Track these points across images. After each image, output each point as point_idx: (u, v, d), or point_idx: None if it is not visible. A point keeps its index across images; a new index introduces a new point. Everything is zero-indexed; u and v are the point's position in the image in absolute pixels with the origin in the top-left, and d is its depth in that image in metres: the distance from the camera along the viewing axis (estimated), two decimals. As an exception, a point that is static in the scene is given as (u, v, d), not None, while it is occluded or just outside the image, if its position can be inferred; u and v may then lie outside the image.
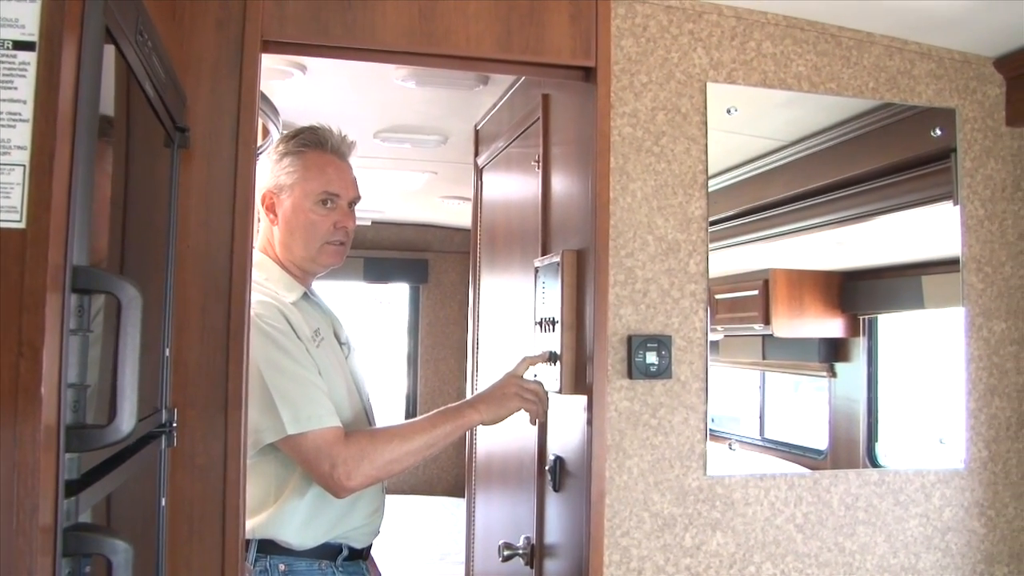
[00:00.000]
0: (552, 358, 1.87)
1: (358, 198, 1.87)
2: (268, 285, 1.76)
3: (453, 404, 1.79)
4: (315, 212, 1.78)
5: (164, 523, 1.32)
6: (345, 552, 1.75)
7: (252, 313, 1.63)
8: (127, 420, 0.82)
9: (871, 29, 2.00)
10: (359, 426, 1.78)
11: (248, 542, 1.66)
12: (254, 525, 1.67)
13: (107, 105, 0.88)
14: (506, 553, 2.11)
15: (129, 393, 0.83)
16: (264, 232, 1.85)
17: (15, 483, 0.72)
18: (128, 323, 0.83)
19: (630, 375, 1.82)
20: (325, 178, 1.79)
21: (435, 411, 1.75)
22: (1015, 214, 2.10)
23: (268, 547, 1.68)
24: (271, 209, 1.81)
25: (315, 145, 1.81)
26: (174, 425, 1.33)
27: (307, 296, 1.84)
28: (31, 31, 0.76)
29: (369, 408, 1.90)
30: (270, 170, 1.81)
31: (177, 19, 1.51)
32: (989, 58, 2.10)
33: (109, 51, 0.87)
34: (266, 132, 2.39)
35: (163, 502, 1.31)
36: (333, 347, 1.84)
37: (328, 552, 1.73)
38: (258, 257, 1.81)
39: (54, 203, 0.75)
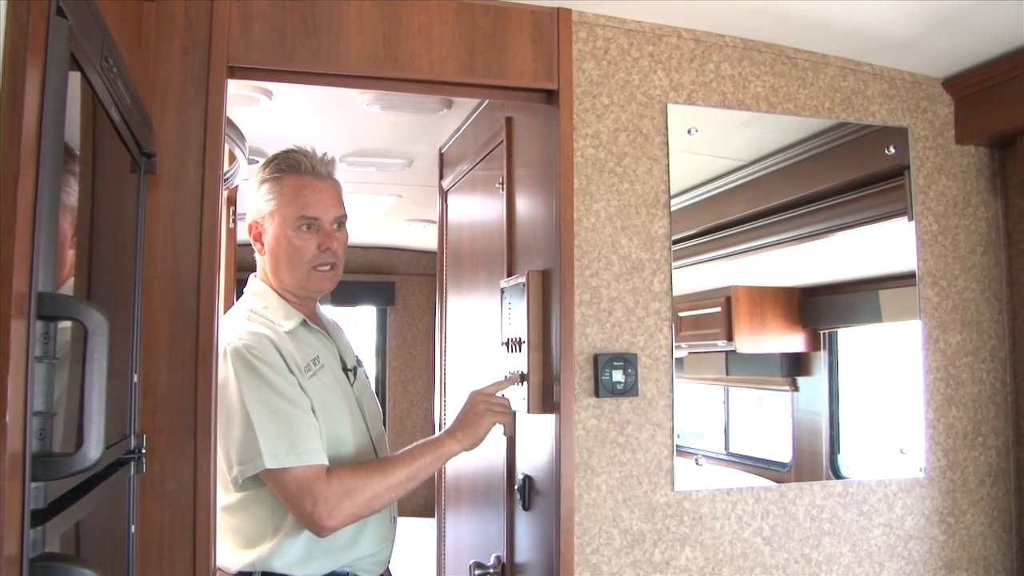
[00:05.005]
0: (522, 378, 1.88)
1: (343, 216, 1.81)
2: (266, 314, 1.73)
3: (432, 437, 1.78)
4: (297, 237, 1.73)
5: (134, 550, 1.30)
6: None
7: (240, 344, 1.61)
8: (94, 447, 0.81)
9: (825, 51, 2.06)
10: (363, 460, 1.73)
11: (250, 575, 1.63)
12: (255, 558, 1.63)
13: (72, 131, 0.88)
14: (477, 572, 2.12)
15: (96, 420, 0.82)
16: (259, 262, 1.82)
17: (-21, 513, 0.71)
18: (94, 350, 0.82)
19: (597, 393, 1.84)
20: (301, 202, 1.74)
21: (414, 444, 1.73)
22: (967, 228, 2.17)
23: None
24: (258, 239, 1.78)
25: (290, 169, 1.76)
26: (143, 451, 1.32)
27: (306, 324, 1.78)
28: (-7, 55, 0.76)
29: (378, 439, 1.84)
30: (253, 200, 1.79)
31: (143, 45, 1.51)
32: (938, 79, 2.17)
33: (74, 77, 0.87)
34: (232, 158, 2.39)
35: (133, 529, 1.29)
36: (334, 376, 1.78)
37: None
38: (256, 286, 1.80)
39: (19, 229, 0.74)
